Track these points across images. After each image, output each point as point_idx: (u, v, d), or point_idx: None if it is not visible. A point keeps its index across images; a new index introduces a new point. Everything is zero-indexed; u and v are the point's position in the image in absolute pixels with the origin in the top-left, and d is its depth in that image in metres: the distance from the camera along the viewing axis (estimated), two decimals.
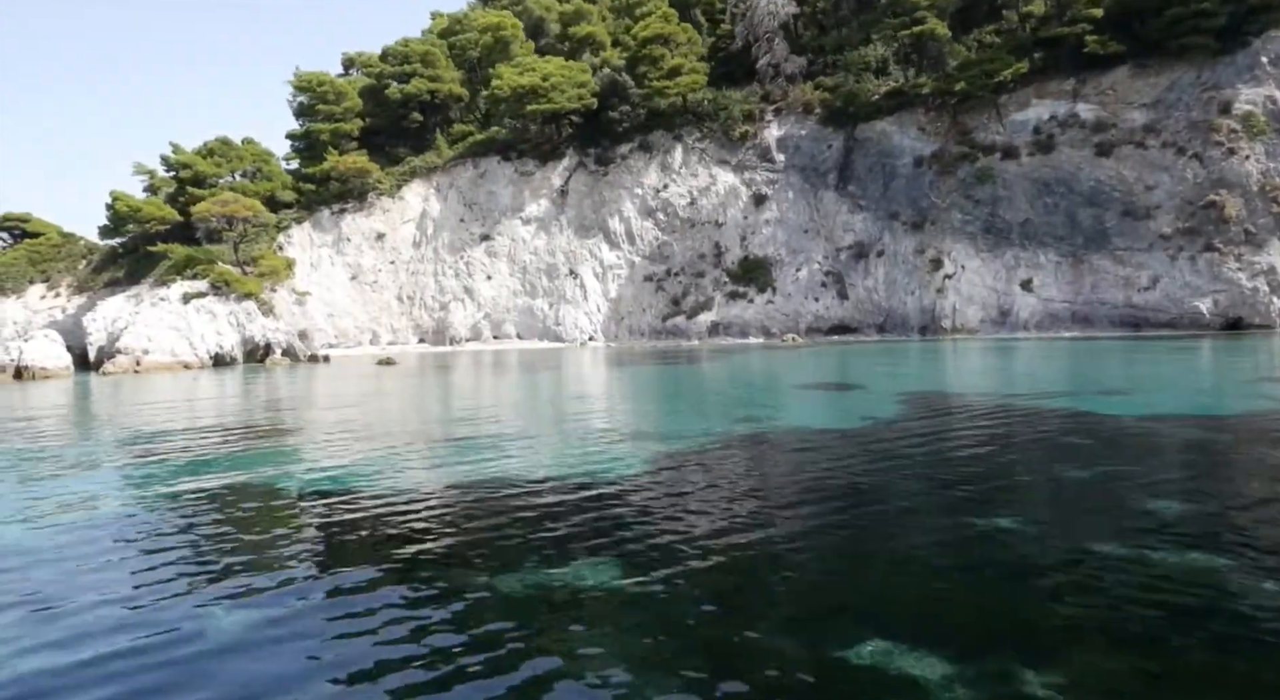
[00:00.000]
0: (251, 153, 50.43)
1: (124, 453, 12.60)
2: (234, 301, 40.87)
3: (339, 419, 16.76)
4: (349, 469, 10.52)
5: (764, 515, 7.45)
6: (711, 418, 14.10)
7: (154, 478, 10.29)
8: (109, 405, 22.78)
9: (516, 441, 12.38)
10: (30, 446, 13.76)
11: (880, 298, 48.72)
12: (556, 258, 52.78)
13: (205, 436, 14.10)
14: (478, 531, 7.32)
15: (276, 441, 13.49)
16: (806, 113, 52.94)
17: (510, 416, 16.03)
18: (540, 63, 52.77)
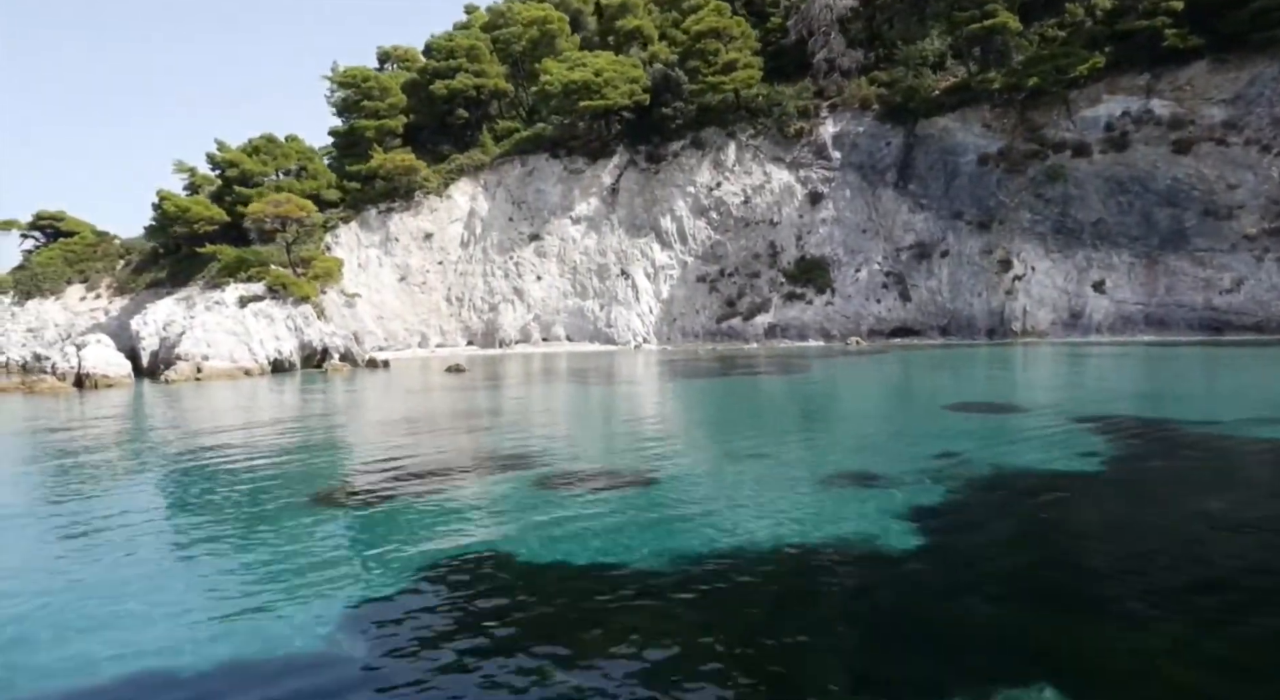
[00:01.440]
0: (296, 150, 49.21)
1: (292, 503, 11.45)
2: (291, 305, 39.73)
3: (526, 449, 15.57)
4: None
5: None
6: (903, 456, 12.88)
7: (390, 570, 9.14)
8: (200, 420, 21.63)
9: (715, 503, 11.22)
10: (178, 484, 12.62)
11: (944, 299, 47.44)
12: (607, 258, 51.55)
13: (371, 473, 12.95)
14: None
15: (452, 487, 12.33)
16: (863, 109, 51.57)
17: (683, 453, 14.84)
18: (590, 58, 51.45)
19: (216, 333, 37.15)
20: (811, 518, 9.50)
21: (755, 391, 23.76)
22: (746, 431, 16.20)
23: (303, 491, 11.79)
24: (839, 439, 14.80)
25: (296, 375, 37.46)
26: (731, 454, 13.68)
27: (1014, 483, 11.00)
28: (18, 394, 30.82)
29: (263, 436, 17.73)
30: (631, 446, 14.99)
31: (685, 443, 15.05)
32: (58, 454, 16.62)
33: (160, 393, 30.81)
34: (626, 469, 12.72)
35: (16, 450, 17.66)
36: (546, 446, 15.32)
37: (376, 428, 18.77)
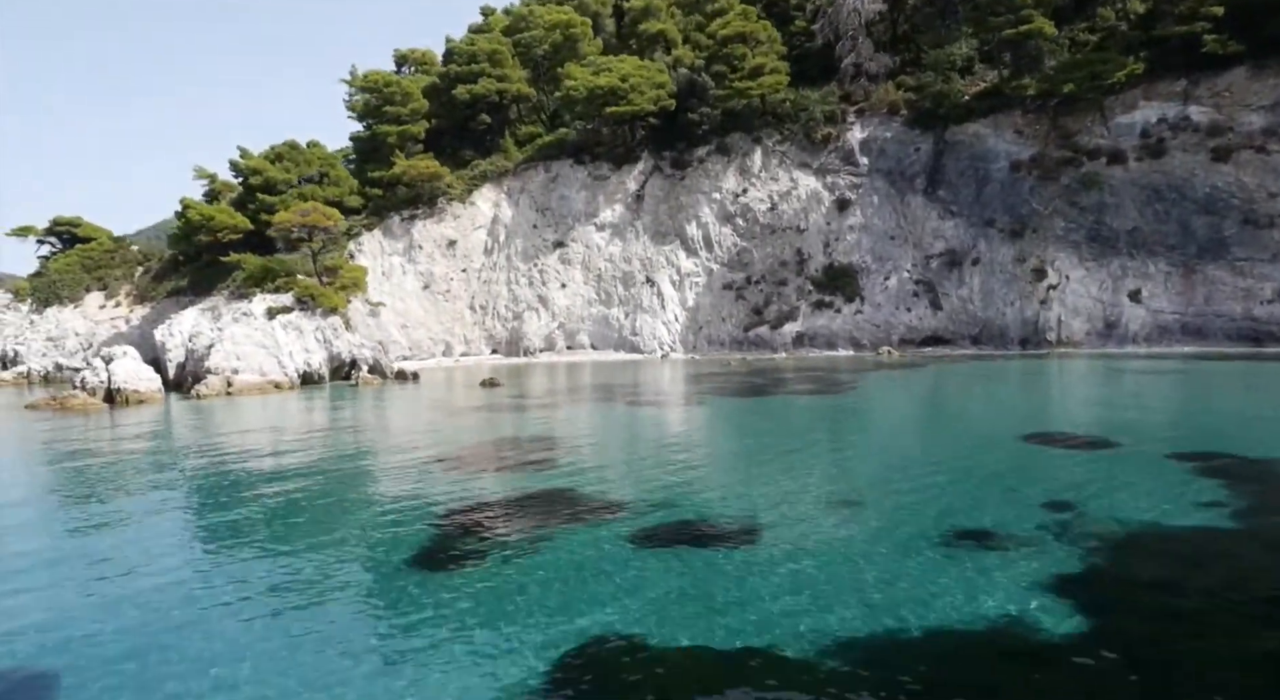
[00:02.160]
0: (318, 156, 48.65)
1: (386, 565, 10.94)
2: (320, 317, 39.22)
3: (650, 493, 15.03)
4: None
5: None
6: (1009, 508, 12.32)
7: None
8: (247, 447, 21.09)
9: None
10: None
11: (976, 308, 46.87)
12: (632, 265, 51.00)
13: (454, 529, 12.42)
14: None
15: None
16: (891, 114, 50.96)
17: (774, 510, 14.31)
18: (615, 63, 50.83)
19: (245, 345, 36.65)
20: (944, 593, 8.95)
21: (811, 418, 23.16)
22: (824, 472, 15.66)
23: (390, 550, 11.29)
24: (928, 483, 14.21)
25: (326, 388, 36.97)
26: (823, 502, 13.13)
27: (1151, 544, 10.45)
28: (49, 411, 30.32)
29: (323, 474, 17.24)
30: (711, 489, 14.46)
31: (768, 486, 14.46)
32: (120, 487, 16.11)
33: (194, 410, 30.30)
34: (718, 520, 12.21)
35: (80, 483, 17.14)
36: (614, 486, 14.80)
37: (438, 465, 18.16)
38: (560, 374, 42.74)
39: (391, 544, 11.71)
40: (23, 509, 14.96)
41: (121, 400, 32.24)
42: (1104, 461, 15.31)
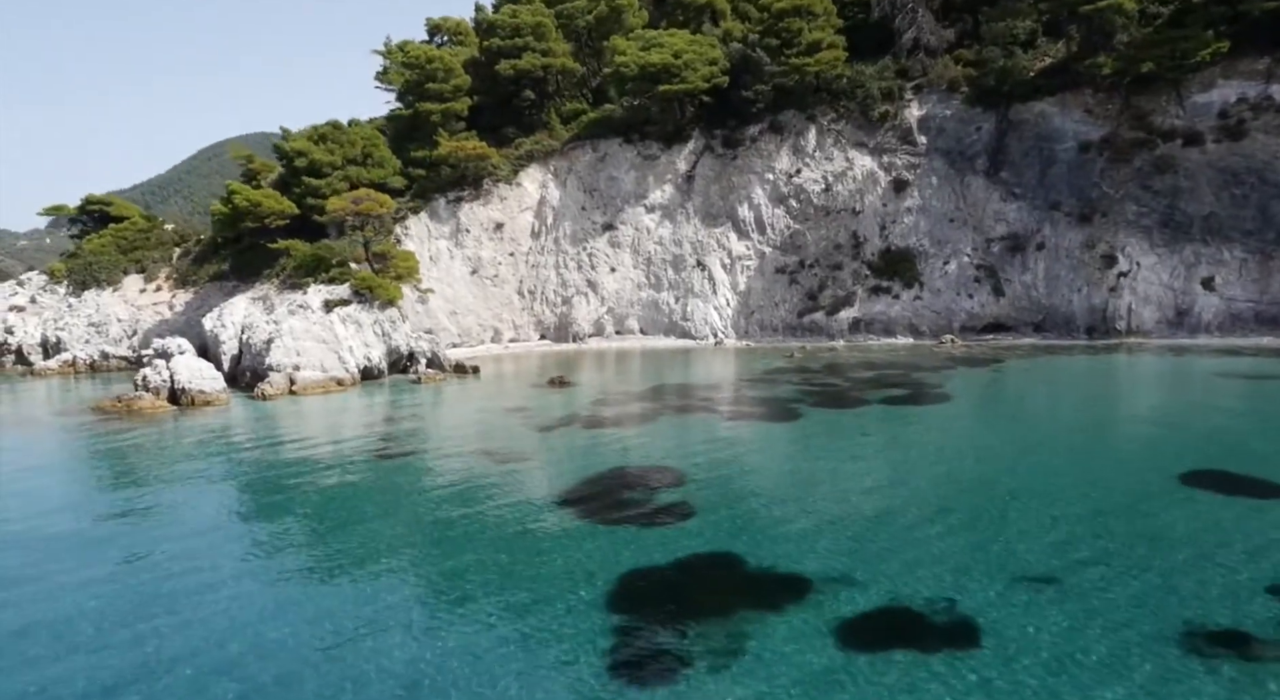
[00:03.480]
0: (360, 136, 47.05)
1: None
2: (377, 309, 38.19)
3: None
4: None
5: None
6: (1234, 597, 11.42)
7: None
8: (345, 456, 20.28)
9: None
10: None
11: (1040, 295, 45.69)
12: (683, 248, 49.73)
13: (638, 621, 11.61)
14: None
15: None
16: (951, 91, 49.21)
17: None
18: (666, 37, 48.99)
19: (305, 340, 35.69)
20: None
21: (927, 439, 22.20)
22: (991, 532, 14.76)
23: (580, 649, 10.50)
24: (1113, 552, 13.30)
25: (387, 385, 36.10)
26: (1026, 580, 12.25)
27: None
28: (118, 415, 29.51)
29: (459, 521, 16.46)
30: (887, 556, 13.63)
31: (956, 556, 13.53)
32: (284, 536, 15.34)
33: (266, 416, 29.48)
34: (918, 603, 11.41)
35: (241, 528, 16.35)
36: (779, 549, 13.98)
37: (567, 514, 17.28)
38: (619, 365, 41.83)
39: (575, 634, 10.89)
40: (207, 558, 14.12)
41: (187, 401, 31.44)
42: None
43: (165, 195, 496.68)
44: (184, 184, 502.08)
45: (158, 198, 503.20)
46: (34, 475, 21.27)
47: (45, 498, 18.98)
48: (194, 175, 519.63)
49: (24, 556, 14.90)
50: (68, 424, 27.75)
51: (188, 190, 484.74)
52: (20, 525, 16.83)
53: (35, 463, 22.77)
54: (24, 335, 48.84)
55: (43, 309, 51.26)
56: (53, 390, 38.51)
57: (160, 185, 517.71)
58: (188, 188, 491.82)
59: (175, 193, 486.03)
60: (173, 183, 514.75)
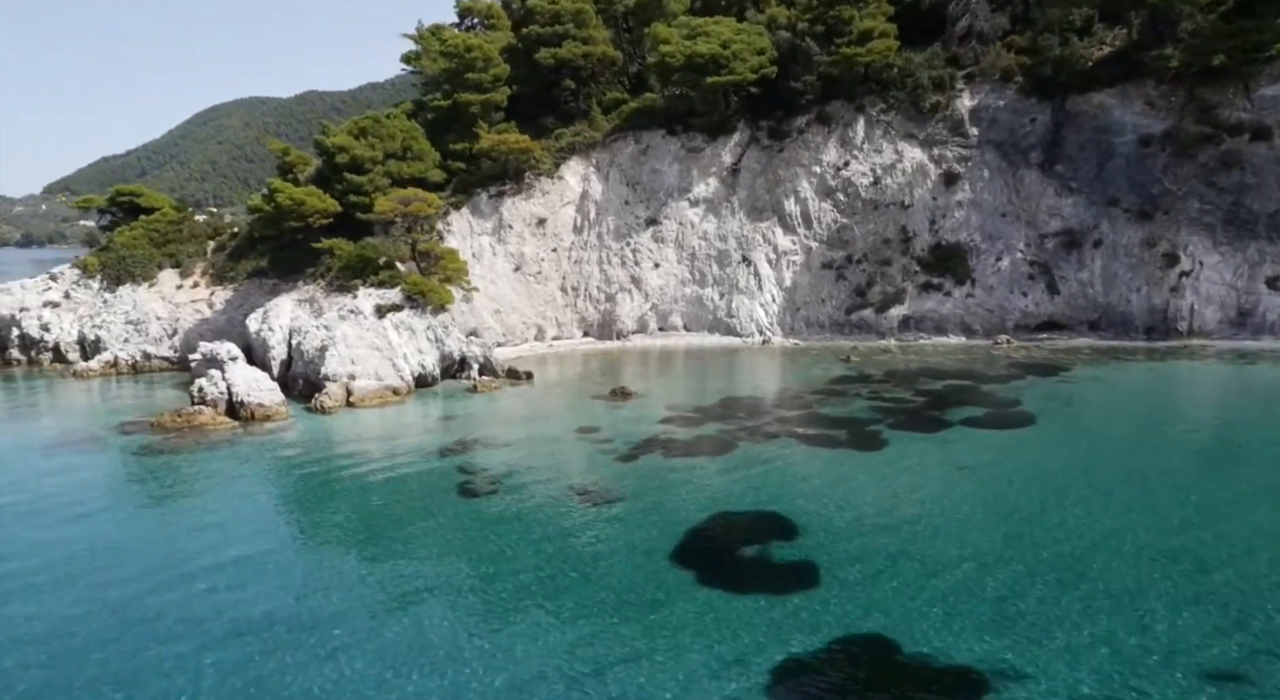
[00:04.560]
0: (400, 129, 45.91)
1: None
2: (430, 315, 37.47)
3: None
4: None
5: None
6: None
7: None
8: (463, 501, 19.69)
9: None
10: None
11: (1096, 293, 44.78)
12: (728, 243, 48.75)
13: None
14: None
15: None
16: (1005, 80, 47.81)
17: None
18: (712, 25, 47.54)
19: (359, 348, 35.04)
20: None
21: (1029, 479, 21.50)
22: (1142, 602, 14.19)
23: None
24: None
25: (441, 393, 35.49)
26: (1207, 677, 11.68)
27: None
28: (179, 431, 28.97)
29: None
30: (1039, 636, 13.09)
31: (1116, 639, 12.94)
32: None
33: (330, 432, 28.95)
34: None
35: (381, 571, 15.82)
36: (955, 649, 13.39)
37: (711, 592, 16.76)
38: (672, 369, 41.17)
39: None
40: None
41: (246, 414, 30.90)
42: None
43: (161, 161, 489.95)
44: (179, 149, 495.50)
45: (153, 163, 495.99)
46: (128, 524, 20.56)
47: (147, 555, 18.32)
48: (189, 140, 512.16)
49: (148, 631, 14.41)
50: (134, 446, 27.19)
51: (183, 156, 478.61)
52: (136, 588, 16.33)
53: (123, 505, 21.75)
54: (60, 332, 48.15)
55: (77, 305, 50.53)
56: (100, 395, 37.96)
57: (156, 151, 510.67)
58: (183, 153, 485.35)
59: (171, 158, 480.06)
60: (168, 148, 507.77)
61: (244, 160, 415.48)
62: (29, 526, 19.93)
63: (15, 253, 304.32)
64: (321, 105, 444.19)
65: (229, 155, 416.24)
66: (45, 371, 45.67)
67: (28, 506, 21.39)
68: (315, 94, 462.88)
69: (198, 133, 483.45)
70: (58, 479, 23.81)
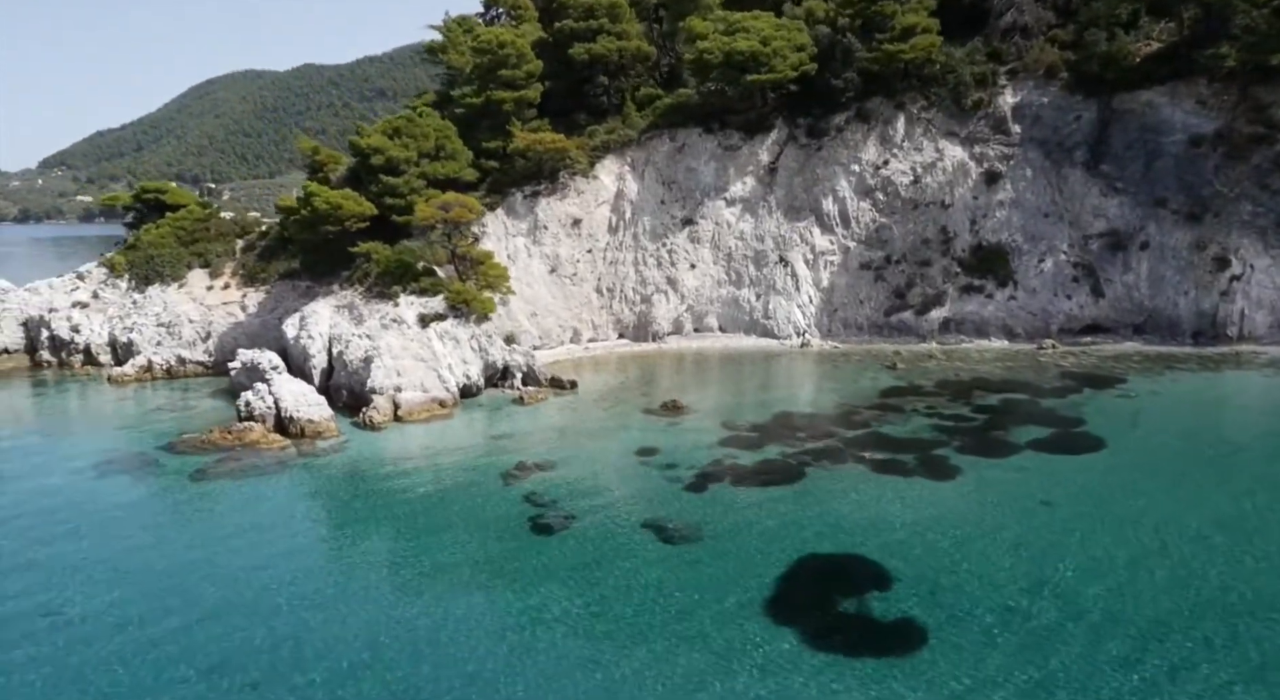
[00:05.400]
0: (433, 128, 45.08)
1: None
2: (474, 324, 36.98)
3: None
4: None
5: None
6: None
7: None
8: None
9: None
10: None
11: (1142, 296, 44.12)
12: (765, 243, 48.05)
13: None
14: None
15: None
16: (1049, 77, 46.85)
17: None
18: (750, 20, 46.47)
19: (404, 359, 34.60)
20: None
21: (1123, 519, 21.03)
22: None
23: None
24: None
25: (487, 404, 35.10)
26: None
27: None
28: (234, 451, 28.62)
29: None
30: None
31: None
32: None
33: (384, 451, 28.61)
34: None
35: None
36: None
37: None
38: (716, 375, 40.72)
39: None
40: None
41: (296, 431, 30.56)
42: None
43: (158, 135, 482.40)
44: (175, 123, 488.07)
45: (149, 137, 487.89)
46: (200, 563, 20.28)
47: (226, 596, 18.09)
48: (185, 115, 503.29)
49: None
50: (190, 469, 26.82)
51: (180, 130, 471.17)
52: (218, 637, 16.02)
53: (191, 543, 21.22)
54: (90, 334, 47.73)
55: (106, 305, 50.10)
56: (140, 404, 37.55)
57: (152, 125, 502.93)
58: (179, 127, 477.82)
59: (167, 132, 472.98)
60: (164, 122, 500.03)
61: (241, 135, 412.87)
62: (105, 567, 19.60)
63: (14, 229, 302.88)
64: (319, 79, 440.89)
65: (226, 130, 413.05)
66: (77, 374, 45.35)
67: (96, 541, 21.07)
68: (312, 68, 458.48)
69: (193, 107, 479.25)
70: (120, 509, 23.47)
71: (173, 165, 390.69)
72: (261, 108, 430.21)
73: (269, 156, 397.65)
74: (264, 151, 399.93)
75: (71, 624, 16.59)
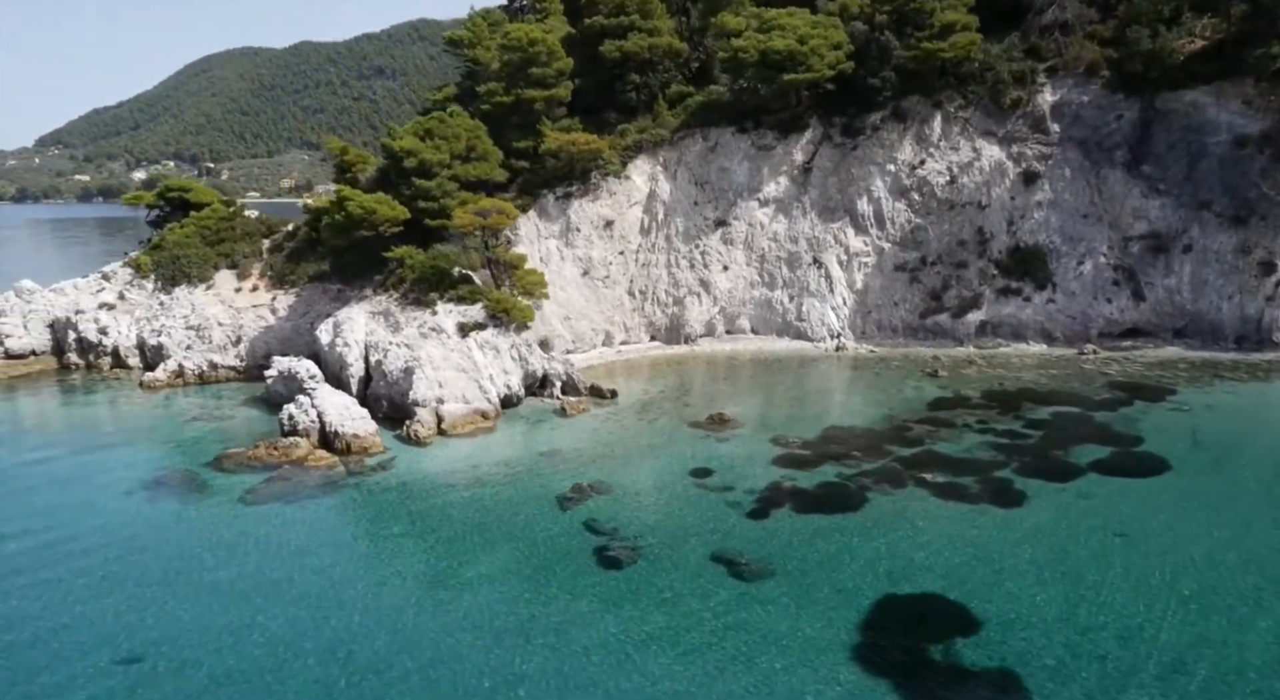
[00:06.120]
0: (464, 128, 44.42)
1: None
2: (514, 333, 36.58)
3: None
4: None
5: None
6: None
7: None
8: None
9: None
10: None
11: (1184, 300, 43.55)
12: (798, 244, 47.48)
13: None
14: None
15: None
16: (1089, 75, 46.01)
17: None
18: (785, 17, 45.62)
19: (445, 370, 34.23)
20: None
21: (1216, 562, 20.48)
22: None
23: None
24: None
25: (529, 416, 34.75)
26: None
27: None
28: (281, 468, 28.34)
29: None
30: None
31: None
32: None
33: (434, 469, 28.33)
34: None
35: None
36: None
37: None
38: (752, 380, 40.33)
39: None
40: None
41: (342, 446, 30.28)
42: None
43: (155, 113, 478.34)
44: (172, 101, 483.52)
45: (146, 116, 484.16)
46: (271, 600, 20.10)
47: (304, 640, 17.86)
48: (182, 92, 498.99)
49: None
50: (240, 490, 26.54)
51: (177, 108, 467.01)
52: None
53: (259, 576, 20.79)
54: (118, 336, 47.41)
55: (133, 306, 49.78)
56: (176, 413, 37.16)
57: (149, 102, 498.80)
58: (176, 105, 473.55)
59: (164, 111, 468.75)
60: (161, 100, 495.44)
61: (239, 113, 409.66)
62: (169, 604, 19.38)
63: (11, 209, 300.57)
64: (316, 56, 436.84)
65: (224, 108, 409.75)
66: (106, 378, 45.08)
67: (160, 576, 20.82)
68: (310, 45, 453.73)
69: (190, 84, 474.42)
70: (177, 538, 23.21)
71: (170, 144, 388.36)
72: (259, 86, 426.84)
73: (267, 135, 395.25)
74: (262, 130, 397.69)
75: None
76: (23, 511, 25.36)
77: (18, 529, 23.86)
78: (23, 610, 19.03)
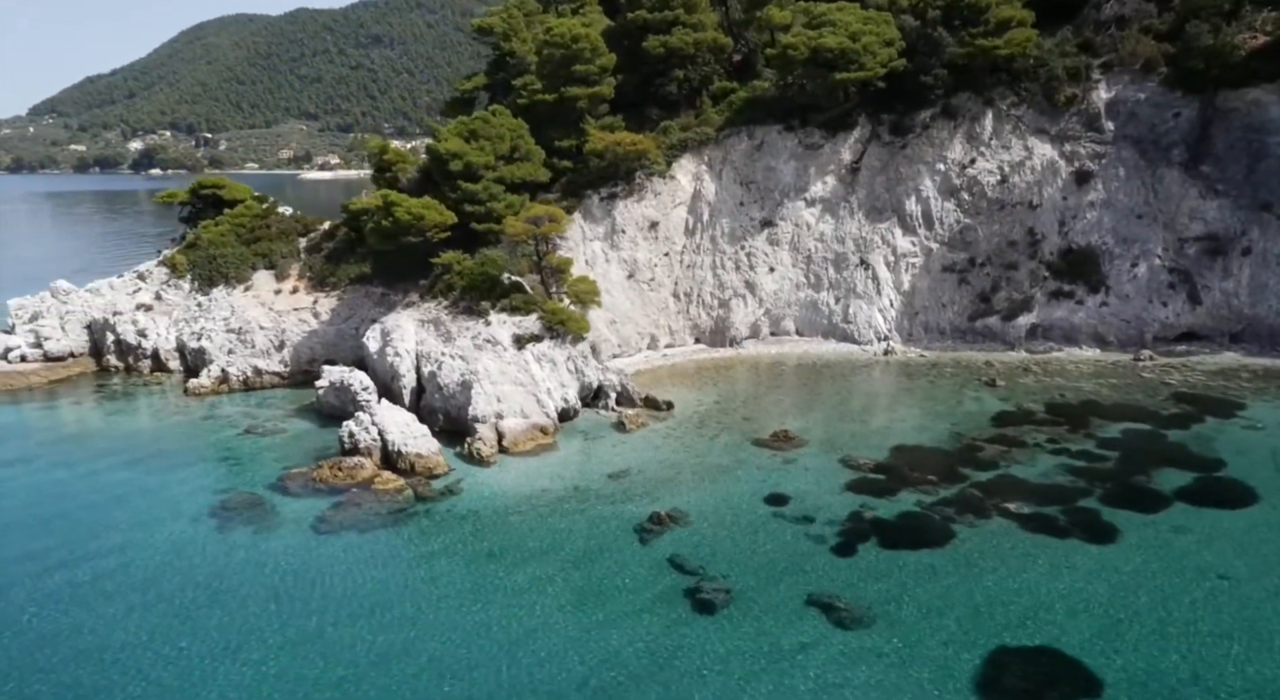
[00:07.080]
0: (508, 128, 43.52)
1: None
2: (570, 344, 36.07)
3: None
4: None
5: None
6: None
7: None
8: None
9: None
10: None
11: (1241, 304, 42.84)
12: (845, 245, 46.72)
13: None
14: None
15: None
16: (1146, 71, 44.85)
17: None
18: (835, 12, 44.46)
19: (503, 384, 33.80)
20: None
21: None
22: None
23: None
24: None
25: (587, 430, 34.34)
26: None
27: None
28: (347, 491, 28.05)
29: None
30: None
31: None
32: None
33: (502, 492, 27.98)
34: None
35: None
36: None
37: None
38: (804, 388, 39.79)
39: None
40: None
41: (405, 466, 30.00)
42: None
43: (150, 82, 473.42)
44: (167, 69, 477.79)
45: (141, 83, 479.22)
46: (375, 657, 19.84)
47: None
48: (177, 60, 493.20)
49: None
50: (309, 516, 26.28)
51: (172, 77, 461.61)
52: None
53: (352, 626, 20.83)
54: (157, 338, 47.02)
55: (170, 307, 49.36)
56: (227, 425, 36.77)
57: (143, 71, 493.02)
58: (172, 73, 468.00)
59: (159, 79, 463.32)
60: (156, 68, 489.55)
61: (235, 82, 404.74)
62: (272, 648, 19.14)
63: (7, 180, 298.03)
64: (313, 24, 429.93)
65: (219, 77, 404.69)
66: (147, 382, 44.79)
67: (252, 623, 20.49)
68: (306, 12, 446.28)
69: (185, 52, 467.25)
70: (255, 577, 22.85)
71: (166, 113, 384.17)
72: (255, 54, 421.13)
73: (264, 105, 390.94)
74: (259, 100, 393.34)
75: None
76: (83, 535, 25.17)
77: (81, 554, 23.72)
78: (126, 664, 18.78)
